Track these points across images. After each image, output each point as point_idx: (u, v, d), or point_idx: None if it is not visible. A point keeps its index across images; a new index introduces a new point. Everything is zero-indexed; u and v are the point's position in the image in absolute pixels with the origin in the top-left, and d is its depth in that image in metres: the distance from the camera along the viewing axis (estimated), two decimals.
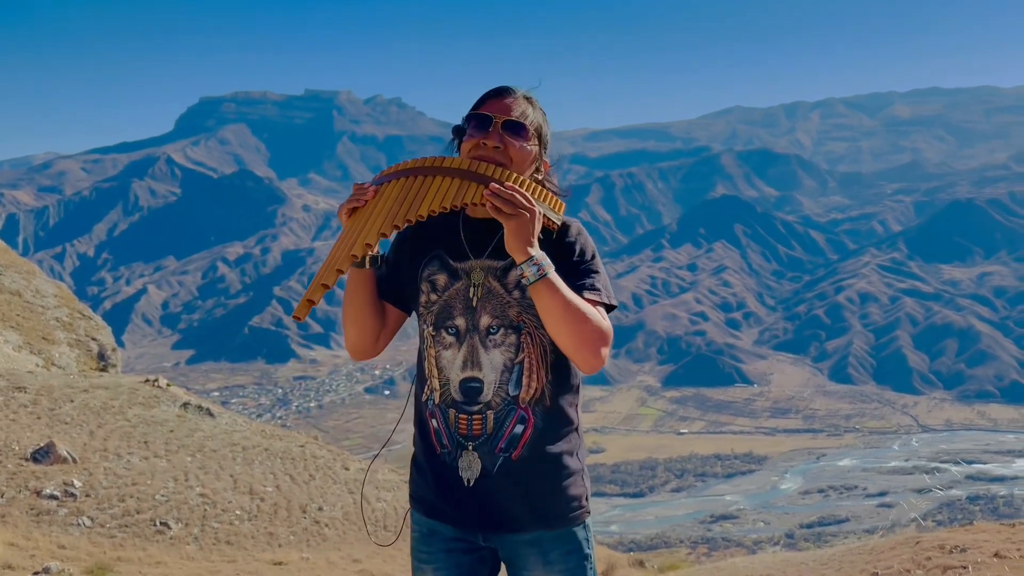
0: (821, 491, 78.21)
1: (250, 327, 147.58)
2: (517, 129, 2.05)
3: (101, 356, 17.03)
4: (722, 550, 46.92)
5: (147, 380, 13.07)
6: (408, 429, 2.17)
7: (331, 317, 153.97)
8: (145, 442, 10.62)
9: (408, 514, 2.21)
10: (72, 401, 11.25)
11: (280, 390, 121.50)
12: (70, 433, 10.24)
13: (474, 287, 2.02)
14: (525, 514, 2.01)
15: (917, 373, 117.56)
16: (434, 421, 2.06)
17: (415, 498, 2.17)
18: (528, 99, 2.11)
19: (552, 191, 2.10)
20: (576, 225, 2.06)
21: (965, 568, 5.10)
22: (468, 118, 2.11)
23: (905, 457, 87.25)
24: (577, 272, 1.99)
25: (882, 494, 75.89)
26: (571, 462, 2.04)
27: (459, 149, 2.12)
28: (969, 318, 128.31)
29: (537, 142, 2.11)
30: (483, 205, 1.91)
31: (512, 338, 1.99)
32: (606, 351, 1.92)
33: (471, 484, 1.99)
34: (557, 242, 2.01)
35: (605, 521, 69.38)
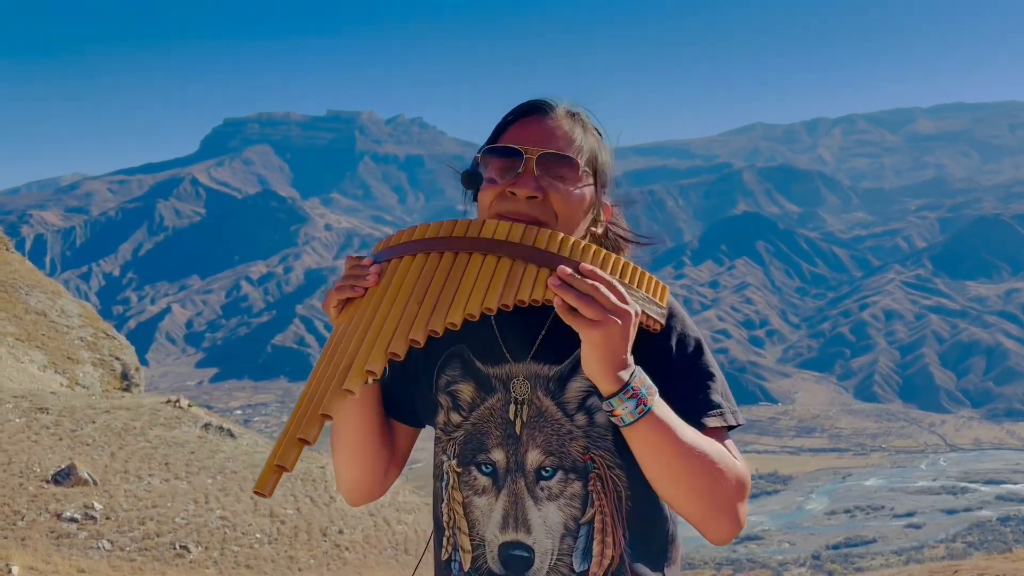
0: (847, 511, 77.09)
1: (273, 345, 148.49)
2: (563, 166, 1.28)
3: (125, 376, 17.11)
4: (747, 571, 46.29)
5: (168, 401, 13.08)
6: (427, 447, 1.40)
7: None
8: (166, 463, 10.59)
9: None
10: (94, 422, 11.25)
11: None
12: (91, 455, 10.23)
13: (516, 404, 1.29)
14: None
15: (944, 391, 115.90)
16: None
17: None
18: (573, 115, 1.34)
19: (637, 240, 1.47)
20: (678, 309, 1.32)
21: None
22: (489, 151, 1.33)
23: (933, 477, 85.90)
24: (686, 381, 1.27)
25: (910, 514, 74.70)
26: None
27: (473, 189, 1.38)
28: (997, 335, 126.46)
29: (592, 178, 1.33)
30: (547, 302, 1.16)
31: (576, 487, 1.26)
32: (744, 508, 1.23)
33: None
34: (654, 337, 1.27)
35: None
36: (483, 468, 1.30)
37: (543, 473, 1.26)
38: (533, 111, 1.32)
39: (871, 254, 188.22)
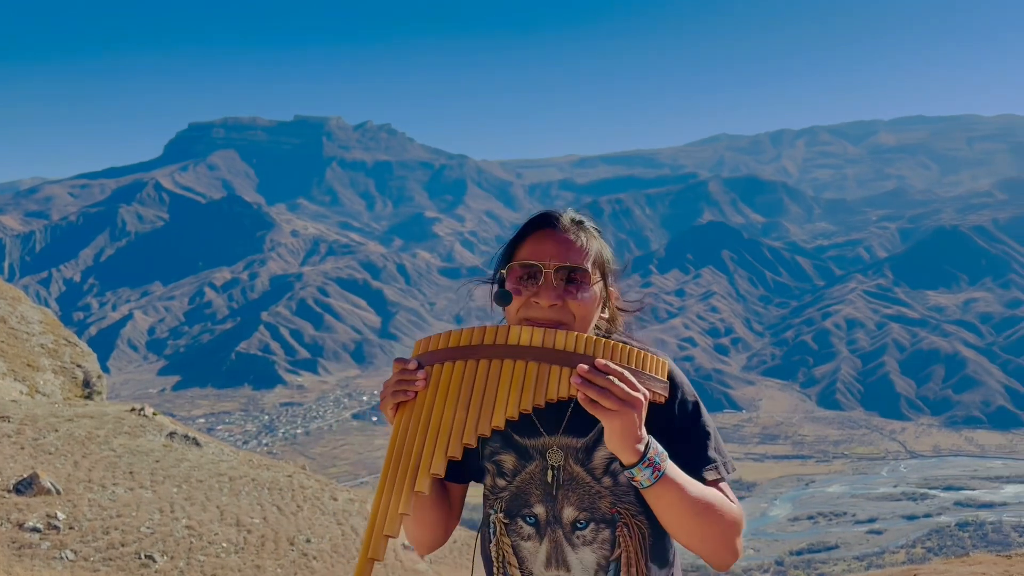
0: (811, 517, 77.99)
1: (237, 353, 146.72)
2: (575, 276, 1.58)
3: (86, 383, 16.85)
4: None
5: (133, 409, 12.91)
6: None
7: (317, 342, 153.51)
8: (130, 472, 10.46)
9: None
10: (56, 431, 11.09)
11: (266, 416, 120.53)
12: (54, 464, 10.07)
13: (553, 470, 1.62)
14: None
15: (904, 399, 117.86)
16: None
17: None
18: (578, 224, 1.64)
19: (630, 309, 1.75)
20: (677, 376, 1.63)
21: None
22: (509, 269, 1.62)
23: (894, 483, 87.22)
24: (686, 441, 1.61)
25: (871, 520, 75.76)
26: None
27: (504, 305, 1.65)
28: (955, 344, 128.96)
29: (600, 274, 1.64)
30: (570, 397, 1.48)
31: (606, 533, 1.60)
32: (740, 541, 1.59)
33: None
34: (661, 409, 1.58)
35: None
36: (527, 520, 1.63)
37: (578, 525, 1.59)
38: (544, 225, 1.61)
39: (833, 263, 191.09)
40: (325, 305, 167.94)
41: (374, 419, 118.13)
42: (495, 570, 1.69)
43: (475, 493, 1.77)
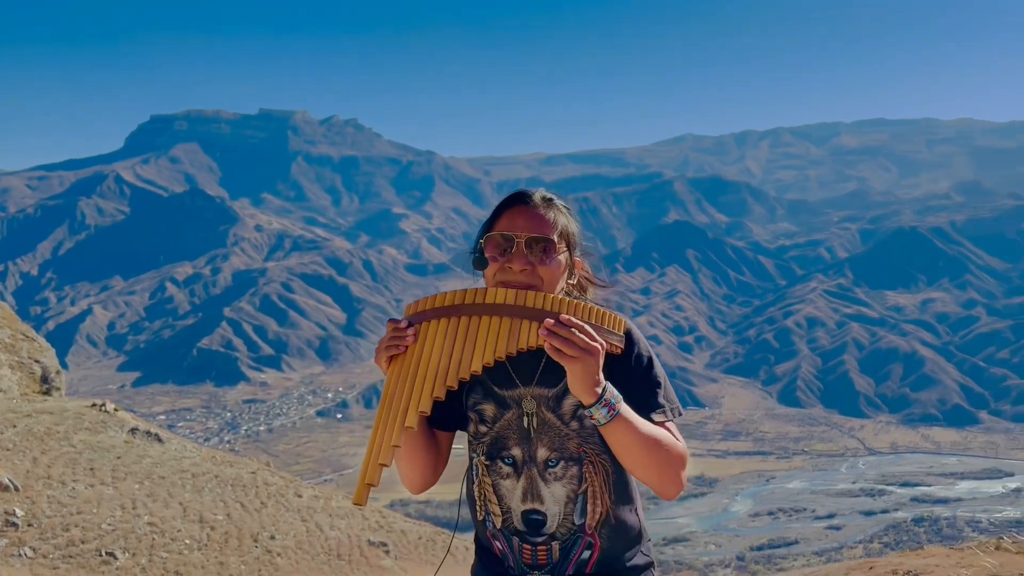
0: (771, 513, 79.01)
1: (199, 349, 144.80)
2: (543, 245, 1.90)
3: (44, 379, 16.56)
4: (674, 573, 47.13)
5: (94, 405, 12.74)
6: (360, 453, 1.94)
7: (281, 339, 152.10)
8: (91, 469, 10.33)
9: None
10: (15, 426, 10.90)
11: (229, 413, 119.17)
12: (12, 460, 9.92)
13: (527, 416, 1.91)
14: None
15: (863, 397, 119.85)
16: (497, 543, 1.99)
17: None
18: (548, 200, 1.96)
19: (598, 284, 2.07)
20: (633, 332, 1.90)
21: None
22: (486, 239, 1.94)
23: (852, 479, 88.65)
24: (639, 387, 1.88)
25: (830, 516, 76.92)
26: (640, 559, 2.01)
27: (482, 270, 1.96)
28: (913, 343, 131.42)
29: (566, 246, 1.95)
30: (538, 348, 1.78)
31: (574, 470, 1.90)
32: (685, 474, 1.86)
33: None
34: (618, 358, 1.87)
35: None
36: (506, 461, 1.93)
37: (550, 463, 1.89)
38: (517, 201, 1.95)
39: (795, 263, 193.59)
40: (289, 301, 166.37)
41: (338, 416, 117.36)
42: (478, 509, 1.99)
43: (457, 464, 2.00)
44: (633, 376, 1.87)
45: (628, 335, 1.87)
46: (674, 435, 1.86)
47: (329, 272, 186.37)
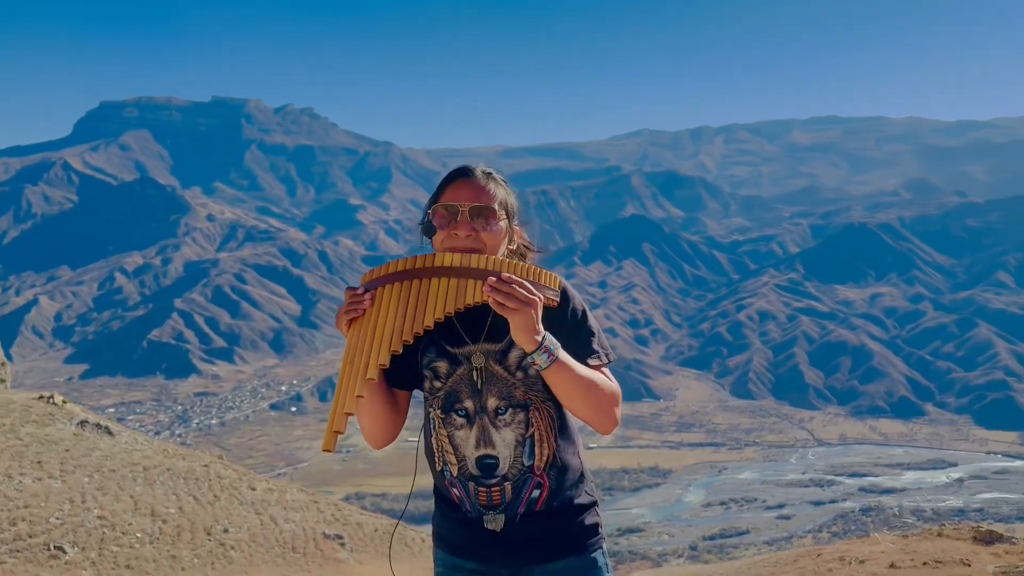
0: (723, 503, 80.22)
1: (149, 341, 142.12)
2: (484, 214, 2.12)
3: None
4: (628, 563, 47.63)
5: (41, 396, 12.46)
6: (314, 447, 2.09)
7: (234, 331, 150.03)
8: (39, 462, 10.12)
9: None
10: None
11: (180, 407, 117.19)
12: None
13: (476, 371, 2.10)
14: (552, 547, 2.15)
15: (813, 389, 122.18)
16: (455, 490, 2.17)
17: (439, 537, 2.28)
18: (488, 174, 2.20)
19: (535, 251, 2.31)
20: (568, 289, 2.12)
21: None
22: (434, 210, 2.17)
23: (802, 470, 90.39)
24: (575, 336, 2.09)
25: (781, 506, 78.38)
26: (585, 499, 2.20)
27: (430, 237, 2.20)
28: (861, 336, 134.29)
29: (505, 215, 2.18)
30: (483, 303, 1.98)
31: (521, 416, 2.10)
32: (619, 411, 2.10)
33: (498, 532, 2.13)
34: (555, 311, 2.07)
35: None
36: (459, 413, 2.12)
37: (499, 411, 2.09)
38: (459, 176, 2.20)
39: (748, 258, 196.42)
40: (242, 292, 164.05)
41: (292, 409, 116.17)
42: (436, 460, 2.20)
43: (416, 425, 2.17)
44: (569, 327, 2.08)
45: (563, 291, 2.09)
46: (608, 377, 2.09)
47: (283, 263, 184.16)
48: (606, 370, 2.12)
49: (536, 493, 2.12)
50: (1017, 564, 5.68)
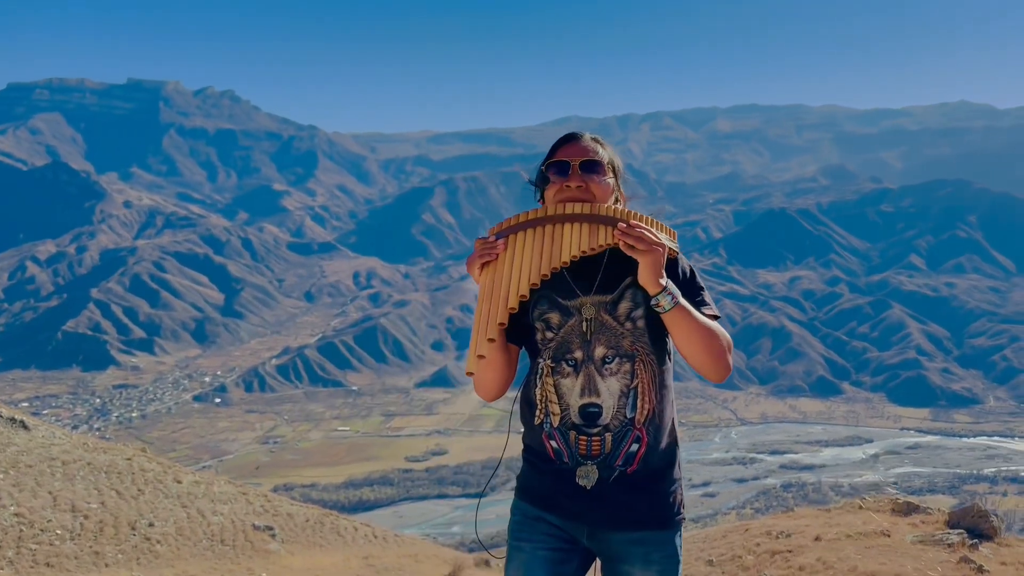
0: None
1: (64, 332, 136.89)
2: (594, 167, 2.31)
3: None
4: None
5: None
6: (240, 439, 2.07)
7: (154, 321, 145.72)
8: None
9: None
10: None
11: (98, 399, 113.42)
12: None
13: (587, 322, 2.22)
14: (636, 515, 2.24)
15: (736, 370, 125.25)
16: (553, 442, 2.24)
17: (525, 488, 2.35)
18: (596, 139, 2.38)
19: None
20: (679, 251, 2.32)
21: (791, 551, 5.49)
22: (548, 166, 2.35)
23: (726, 449, 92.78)
24: (688, 291, 2.26)
25: (706, 484, 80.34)
26: (676, 473, 2.35)
27: (542, 197, 2.38)
28: (781, 319, 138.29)
29: (613, 175, 2.39)
30: (615, 244, 2.16)
31: (627, 366, 2.21)
32: (731, 358, 2.23)
33: (589, 488, 2.21)
34: (670, 266, 2.26)
35: (447, 523, 69.50)
36: (568, 362, 2.23)
37: (606, 360, 2.21)
38: (570, 139, 2.38)
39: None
40: (162, 281, 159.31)
41: (217, 401, 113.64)
42: (538, 411, 2.27)
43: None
44: (681, 282, 2.26)
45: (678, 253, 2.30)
46: (721, 327, 2.24)
47: (205, 251, 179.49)
48: (717, 323, 2.25)
49: (635, 448, 2.21)
50: (933, 533, 5.93)
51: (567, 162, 2.31)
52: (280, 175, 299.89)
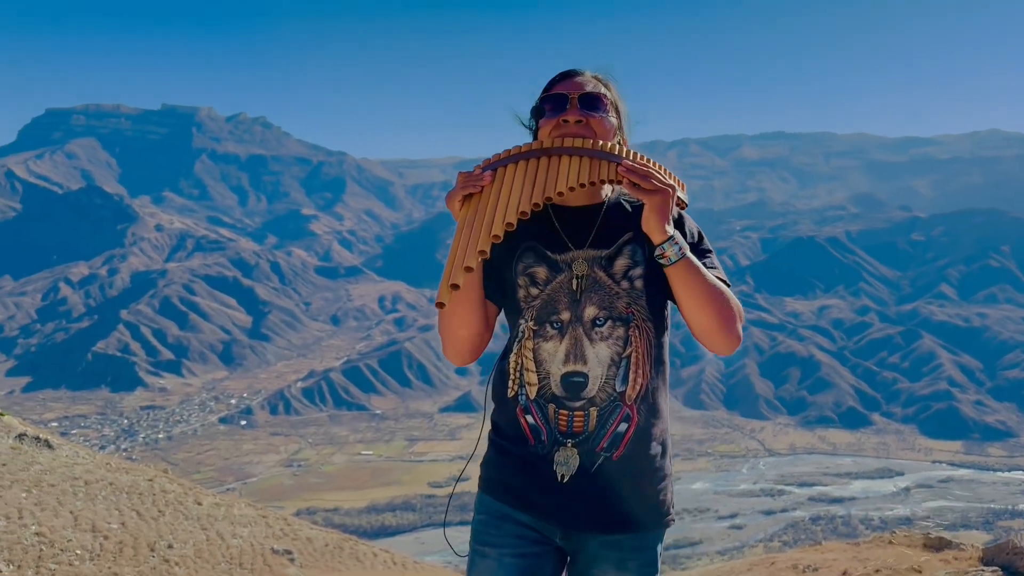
0: (676, 514, 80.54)
1: (94, 353, 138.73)
2: (595, 102, 1.98)
3: None
4: None
5: None
6: (263, 460, 1.70)
7: (182, 343, 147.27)
8: None
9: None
10: None
11: (126, 420, 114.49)
12: None
13: (577, 279, 1.92)
14: (618, 514, 1.93)
15: (763, 399, 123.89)
16: (529, 417, 1.93)
17: (492, 481, 2.02)
18: (597, 78, 2.05)
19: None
20: (686, 214, 2.07)
21: None
22: (544, 99, 2.01)
23: (753, 480, 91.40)
24: (697, 251, 1.97)
25: (732, 516, 79.10)
26: (665, 465, 2.01)
27: (536, 135, 2.04)
28: (810, 348, 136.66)
29: (616, 115, 2.04)
30: (616, 182, 1.87)
31: (620, 331, 1.91)
32: (741, 328, 1.95)
33: (565, 481, 1.89)
34: (676, 224, 1.95)
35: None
36: (553, 324, 1.91)
37: (597, 322, 1.89)
38: (569, 74, 2.03)
39: None
40: (191, 303, 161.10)
41: (242, 423, 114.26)
42: (510, 384, 1.95)
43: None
44: (689, 244, 1.95)
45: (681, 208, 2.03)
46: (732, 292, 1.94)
47: (234, 273, 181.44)
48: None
49: (623, 427, 1.89)
50: (966, 570, 5.75)
51: (565, 95, 1.98)
52: (309, 200, 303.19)
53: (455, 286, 1.71)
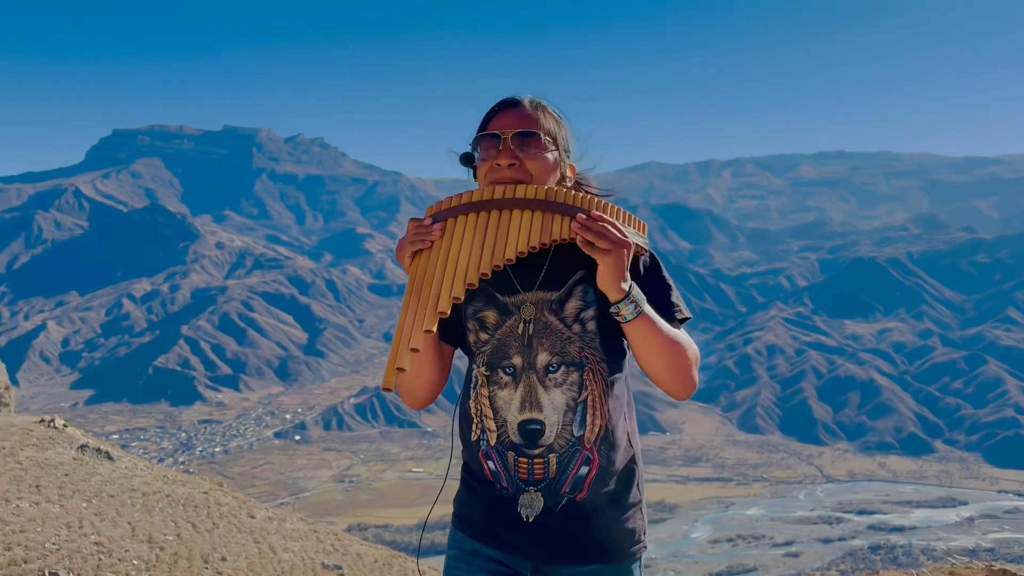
0: (730, 540, 79.21)
1: (155, 367, 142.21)
2: (528, 140, 1.87)
3: None
4: None
5: (42, 420, 12.37)
6: (316, 476, 1.73)
7: (240, 358, 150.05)
8: (37, 486, 10.00)
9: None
10: None
11: (184, 434, 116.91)
12: None
13: (525, 323, 1.86)
14: (585, 548, 1.89)
15: (821, 424, 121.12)
16: (490, 463, 1.90)
17: (462, 518, 2.01)
18: (535, 104, 1.94)
19: (596, 190, 2.03)
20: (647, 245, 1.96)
21: None
22: (476, 141, 1.92)
23: (810, 507, 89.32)
24: (654, 290, 1.89)
25: (788, 543, 77.35)
26: (633, 495, 1.96)
27: (475, 176, 1.96)
28: (870, 372, 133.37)
29: (556, 147, 1.92)
30: (570, 240, 1.77)
31: (575, 376, 1.85)
32: (697, 373, 1.87)
33: (530, 520, 1.86)
34: (635, 260, 1.91)
35: None
36: (506, 370, 1.86)
37: (550, 368, 1.84)
38: (504, 106, 1.92)
39: (756, 291, 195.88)
40: (249, 320, 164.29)
41: (296, 438, 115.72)
42: (473, 427, 1.92)
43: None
44: (649, 280, 1.90)
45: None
46: (688, 337, 1.88)
47: (291, 291, 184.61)
48: (684, 329, 1.91)
49: (584, 470, 1.85)
50: None
51: (498, 135, 1.87)
52: (364, 219, 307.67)
53: (401, 369, 1.64)
